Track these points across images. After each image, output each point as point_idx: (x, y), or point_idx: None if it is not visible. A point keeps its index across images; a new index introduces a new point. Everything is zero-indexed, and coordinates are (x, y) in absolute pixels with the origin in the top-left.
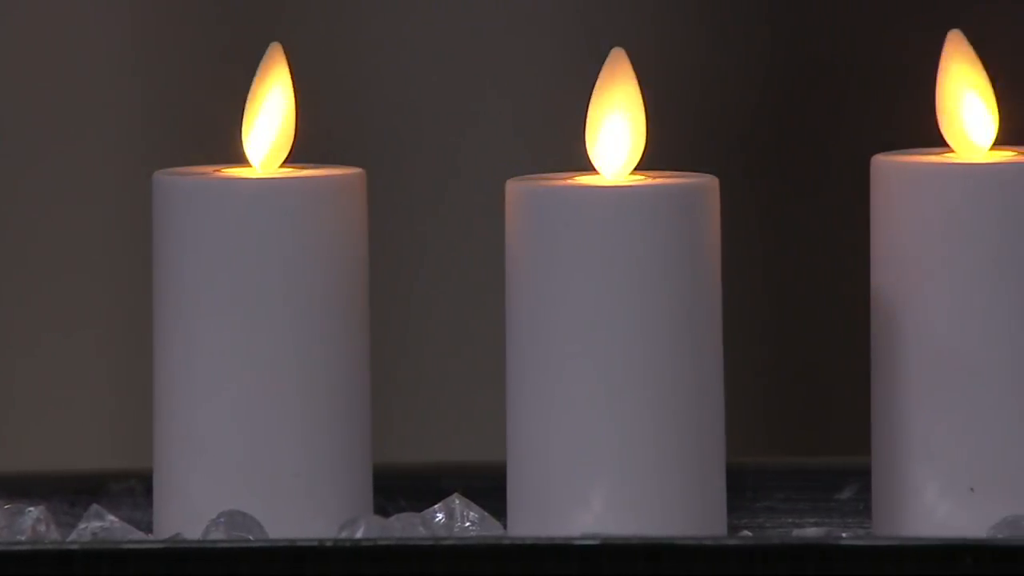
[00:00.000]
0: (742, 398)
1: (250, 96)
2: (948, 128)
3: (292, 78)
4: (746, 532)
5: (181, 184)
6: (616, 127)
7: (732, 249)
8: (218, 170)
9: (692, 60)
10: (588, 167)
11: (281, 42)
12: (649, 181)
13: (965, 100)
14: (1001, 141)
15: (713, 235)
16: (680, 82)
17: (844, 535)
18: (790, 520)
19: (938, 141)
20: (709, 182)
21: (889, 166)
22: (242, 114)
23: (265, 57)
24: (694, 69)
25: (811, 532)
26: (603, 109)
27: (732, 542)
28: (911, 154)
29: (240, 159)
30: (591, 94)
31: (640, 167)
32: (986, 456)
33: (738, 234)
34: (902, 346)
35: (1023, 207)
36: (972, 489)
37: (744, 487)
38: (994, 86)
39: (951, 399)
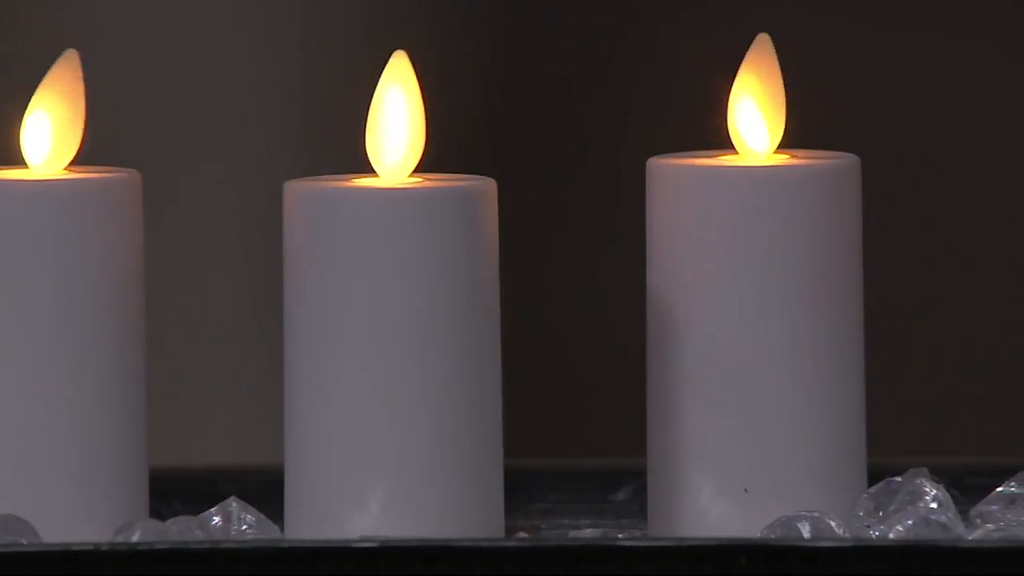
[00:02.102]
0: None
1: (34, 98)
2: (733, 131)
3: (84, 81)
4: (523, 534)
5: None
6: (396, 130)
7: (510, 251)
8: None
9: (473, 63)
10: (368, 169)
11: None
12: (426, 184)
13: (750, 104)
14: (794, 145)
15: (491, 237)
16: (461, 85)
17: (620, 536)
18: (566, 522)
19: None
20: (486, 185)
21: (664, 168)
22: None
23: (58, 62)
24: (475, 72)
25: (587, 533)
26: (382, 112)
27: (509, 544)
28: (686, 157)
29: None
30: (372, 97)
31: (420, 169)
32: (760, 457)
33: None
34: (677, 347)
35: (796, 210)
36: (746, 490)
37: (520, 489)
38: (790, 91)
39: (725, 400)
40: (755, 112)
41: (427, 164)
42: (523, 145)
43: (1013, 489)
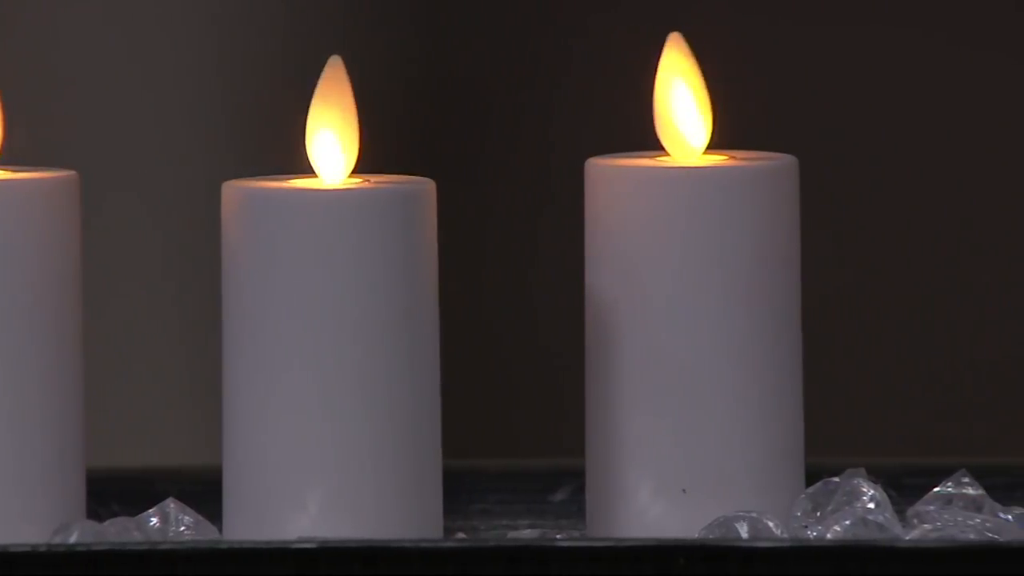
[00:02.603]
0: (459, 400)
1: None
2: (663, 132)
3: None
4: (461, 534)
5: None
6: (332, 133)
7: (449, 252)
8: None
9: (410, 64)
10: (309, 170)
11: None
12: (366, 185)
13: (679, 104)
14: (719, 144)
15: (430, 238)
16: (399, 87)
17: (559, 536)
18: (505, 522)
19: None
20: (426, 186)
21: (602, 169)
22: None
23: None
24: (412, 73)
25: (526, 534)
26: (321, 116)
27: (448, 545)
28: (624, 157)
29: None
30: (309, 100)
31: (358, 170)
32: (698, 458)
33: (456, 237)
34: (616, 348)
35: (734, 210)
36: (684, 490)
37: (459, 489)
38: (711, 89)
39: (664, 401)
40: (687, 111)
41: (364, 165)
42: (458, 146)
43: (950, 489)
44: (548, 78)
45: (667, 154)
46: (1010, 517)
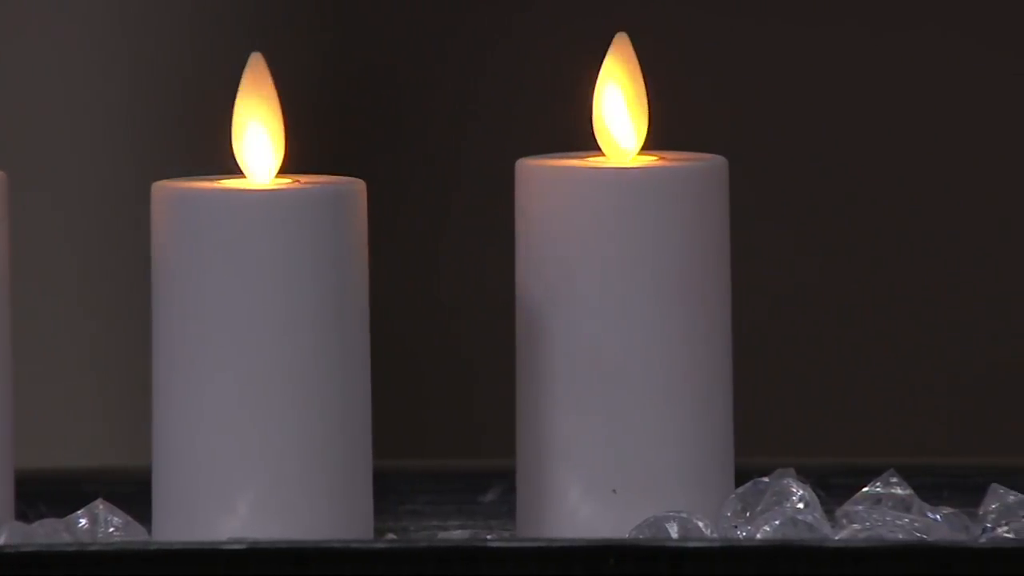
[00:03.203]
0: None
1: None
2: (599, 132)
3: None
4: (391, 535)
5: None
6: (259, 132)
7: (379, 252)
8: None
9: (336, 62)
10: (236, 171)
11: None
12: (295, 185)
13: (613, 105)
14: (656, 146)
15: (360, 236)
16: (326, 85)
17: (489, 537)
18: (435, 523)
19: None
20: (356, 186)
21: (533, 169)
22: None
23: None
24: (338, 71)
25: (456, 535)
26: (246, 114)
27: (379, 546)
28: (555, 158)
29: None
30: (235, 98)
31: (286, 170)
32: (628, 458)
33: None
34: (546, 348)
35: (664, 211)
36: (615, 491)
37: (389, 490)
38: (651, 91)
39: (594, 401)
40: (620, 113)
41: (293, 166)
42: (389, 146)
43: (879, 489)
44: (482, 78)
45: (600, 155)
46: (938, 517)
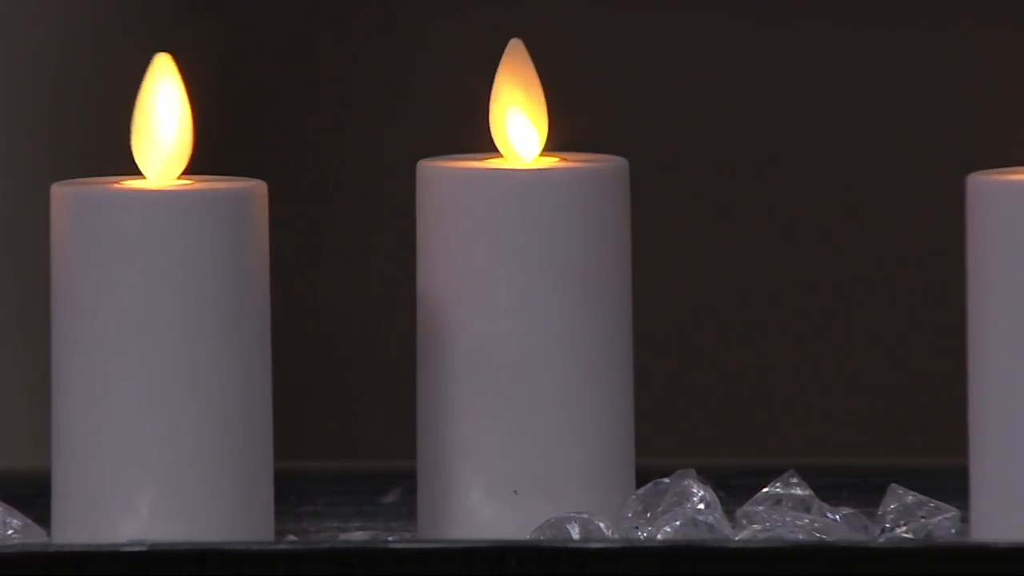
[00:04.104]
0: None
1: None
2: (497, 134)
3: None
4: (292, 537)
5: None
6: (160, 132)
7: (280, 253)
8: None
9: (236, 61)
10: (136, 172)
11: None
12: (196, 186)
13: (513, 107)
14: (553, 147)
15: (261, 240)
16: (222, 86)
17: (390, 538)
18: (335, 524)
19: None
20: (256, 187)
21: (434, 170)
22: None
23: None
24: (238, 70)
25: (357, 536)
26: (146, 114)
27: (279, 547)
28: (455, 159)
29: None
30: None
31: (189, 171)
32: (529, 459)
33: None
34: (447, 349)
35: (564, 213)
36: (516, 491)
37: (290, 492)
38: (548, 93)
39: (495, 402)
40: (518, 116)
41: (195, 167)
42: (291, 147)
43: (779, 490)
44: (383, 78)
45: (500, 156)
46: (838, 517)
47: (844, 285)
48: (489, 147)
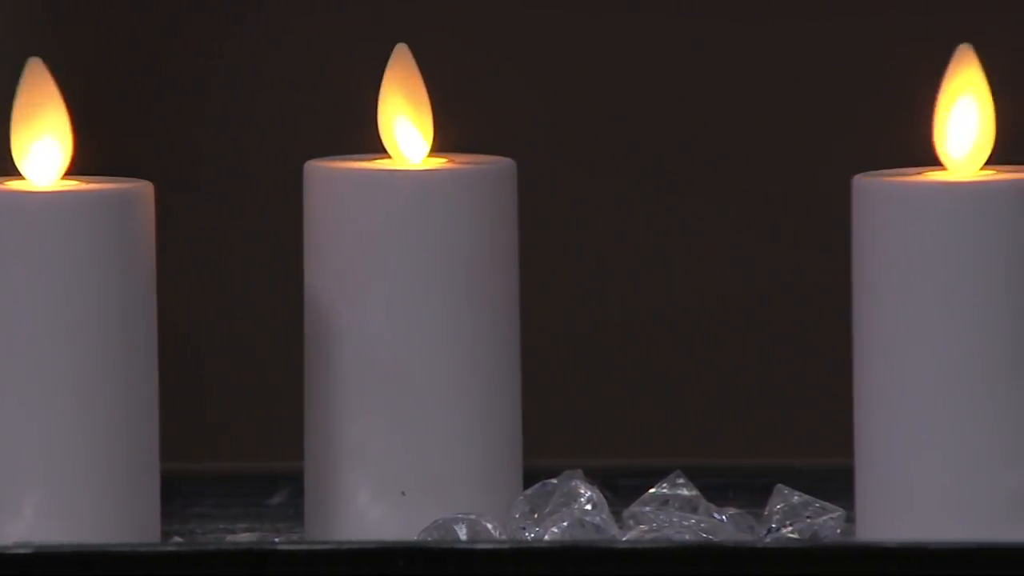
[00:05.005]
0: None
1: None
2: (385, 136)
3: None
4: (178, 538)
5: None
6: (44, 135)
7: (169, 254)
8: None
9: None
10: (17, 173)
11: None
12: (80, 187)
13: (400, 109)
14: (441, 149)
15: (147, 239)
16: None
17: (277, 540)
18: (222, 526)
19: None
20: (143, 188)
21: (322, 171)
22: None
23: None
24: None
25: (243, 537)
26: (30, 118)
27: (167, 549)
28: (343, 160)
29: None
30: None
31: (73, 173)
32: (417, 460)
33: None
34: (335, 351)
35: (451, 214)
36: (404, 493)
37: (176, 493)
38: (435, 95)
39: (383, 403)
40: (406, 118)
41: (76, 168)
42: (178, 149)
43: (665, 490)
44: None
45: (388, 157)
46: (724, 518)
47: (729, 286)
48: (378, 148)
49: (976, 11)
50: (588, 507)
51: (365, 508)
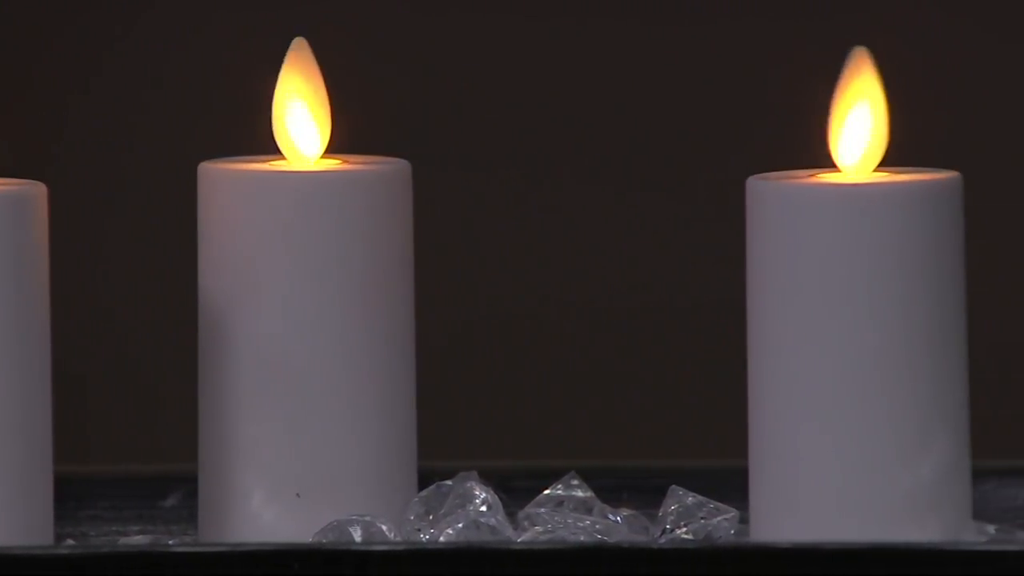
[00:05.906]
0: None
1: None
2: (279, 136)
3: None
4: (71, 541)
5: None
6: None
7: (63, 254)
8: None
9: (15, 64)
10: None
11: None
12: None
13: (294, 108)
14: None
15: (40, 240)
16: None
17: (172, 542)
18: (115, 528)
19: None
20: (36, 188)
21: (216, 172)
22: None
23: None
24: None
25: (137, 540)
26: None
27: (60, 551)
28: (238, 161)
29: None
30: None
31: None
32: (311, 462)
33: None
34: (229, 351)
35: (347, 216)
36: (298, 494)
37: (69, 496)
38: (331, 94)
39: (277, 405)
40: (300, 118)
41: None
42: (72, 148)
43: (560, 491)
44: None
45: (283, 158)
46: (619, 519)
47: (623, 285)
48: (272, 149)
49: (872, 12)
50: (483, 508)
51: (259, 510)
